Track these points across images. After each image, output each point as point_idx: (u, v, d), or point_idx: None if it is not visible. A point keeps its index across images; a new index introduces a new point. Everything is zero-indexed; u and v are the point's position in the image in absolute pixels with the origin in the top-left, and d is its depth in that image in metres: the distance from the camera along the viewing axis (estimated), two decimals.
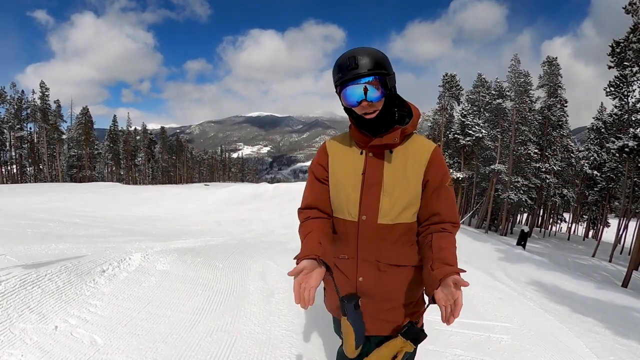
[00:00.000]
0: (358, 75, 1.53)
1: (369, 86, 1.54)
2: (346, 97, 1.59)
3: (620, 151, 18.47)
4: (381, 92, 1.57)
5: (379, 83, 1.56)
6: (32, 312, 3.24)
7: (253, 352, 3.40)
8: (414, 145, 1.73)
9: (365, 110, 1.61)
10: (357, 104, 1.58)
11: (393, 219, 1.69)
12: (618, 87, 25.79)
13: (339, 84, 1.60)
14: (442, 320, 1.47)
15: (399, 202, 1.68)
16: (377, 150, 1.72)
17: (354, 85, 1.55)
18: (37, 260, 4.48)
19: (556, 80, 38.56)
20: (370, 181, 1.71)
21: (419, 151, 1.71)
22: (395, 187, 1.67)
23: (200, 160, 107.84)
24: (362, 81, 1.54)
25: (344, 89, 1.58)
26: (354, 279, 1.76)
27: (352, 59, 1.54)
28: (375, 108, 1.61)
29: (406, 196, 1.68)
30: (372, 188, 1.70)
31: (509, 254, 19.04)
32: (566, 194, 40.54)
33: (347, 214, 1.76)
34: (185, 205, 22.77)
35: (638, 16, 19.56)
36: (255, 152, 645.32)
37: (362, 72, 1.53)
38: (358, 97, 1.56)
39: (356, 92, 1.55)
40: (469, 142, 35.73)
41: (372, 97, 1.56)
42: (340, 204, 1.79)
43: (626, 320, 9.25)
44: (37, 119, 55.80)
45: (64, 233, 9.15)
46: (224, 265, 6.20)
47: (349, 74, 1.54)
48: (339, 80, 1.58)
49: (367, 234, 1.71)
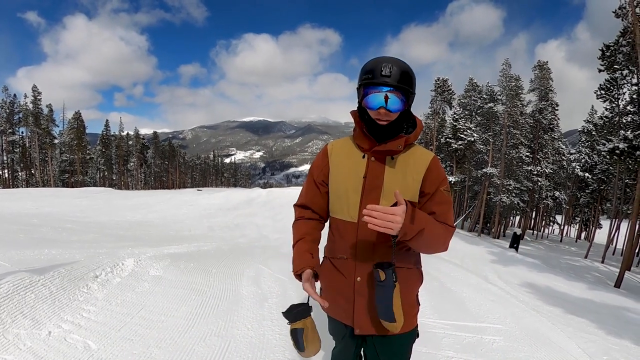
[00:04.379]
0: (387, 84, 1.58)
1: (393, 96, 1.59)
2: (368, 99, 1.63)
3: (611, 153, 18.58)
4: (402, 105, 1.63)
5: (402, 97, 1.61)
6: (26, 318, 3.24)
7: (247, 356, 3.42)
8: (414, 154, 1.78)
9: (380, 117, 1.65)
10: (376, 108, 1.62)
11: None
12: (608, 90, 26.07)
13: (365, 85, 1.63)
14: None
15: None
16: (379, 155, 1.76)
17: (379, 93, 1.59)
18: (30, 266, 4.48)
19: (547, 84, 38.84)
20: (371, 185, 1.75)
21: (418, 159, 1.76)
22: (394, 191, 1.69)
23: (192, 166, 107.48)
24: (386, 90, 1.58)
25: (368, 93, 1.63)
26: (351, 279, 1.79)
27: (387, 67, 1.58)
28: (390, 118, 1.66)
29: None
30: (372, 191, 1.75)
31: (502, 256, 19.10)
32: (558, 196, 40.70)
33: (347, 215, 1.80)
34: (177, 211, 22.72)
35: (628, 20, 19.74)
36: (248, 157, 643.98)
37: (391, 83, 1.57)
38: (379, 103, 1.60)
39: (379, 98, 1.60)
40: (460, 146, 35.87)
41: (392, 108, 1.61)
42: (340, 205, 1.83)
43: (619, 320, 9.31)
44: (29, 124, 55.33)
45: (56, 238, 9.11)
46: (217, 271, 6.21)
47: (380, 79, 1.58)
48: (368, 81, 1.61)
49: (366, 235, 1.74)
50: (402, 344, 1.87)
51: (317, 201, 1.94)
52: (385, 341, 1.83)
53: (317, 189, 1.93)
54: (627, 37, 19.97)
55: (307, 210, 1.98)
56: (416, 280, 1.88)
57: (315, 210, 1.96)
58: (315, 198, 1.94)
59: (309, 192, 1.97)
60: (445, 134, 37.96)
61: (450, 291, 6.88)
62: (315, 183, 1.93)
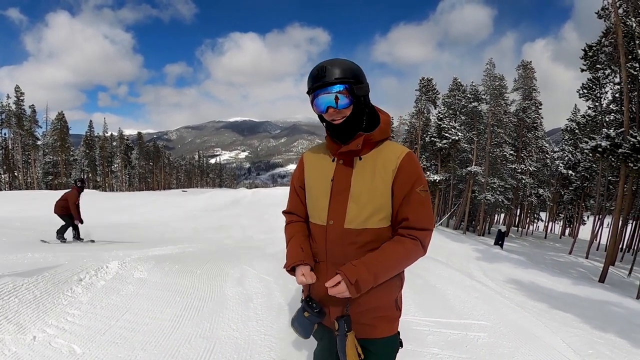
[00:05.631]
0: (326, 84, 1.62)
1: (338, 95, 1.63)
2: (316, 104, 1.69)
3: (594, 151, 18.79)
4: (349, 99, 1.66)
5: (347, 92, 1.64)
6: (10, 323, 3.21)
7: (232, 358, 3.42)
8: (384, 152, 1.78)
9: (332, 117, 1.69)
10: (325, 110, 1.67)
11: (360, 224, 1.73)
12: (591, 90, 26.43)
13: (310, 92, 1.69)
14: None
15: (366, 208, 1.72)
16: (346, 157, 1.79)
17: (324, 94, 1.64)
18: (14, 270, 4.43)
19: (531, 83, 39.30)
20: (339, 187, 1.78)
21: (387, 158, 1.75)
22: (362, 193, 1.73)
23: (177, 166, 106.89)
24: (333, 90, 1.63)
25: (315, 98, 1.68)
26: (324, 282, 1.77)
27: (322, 69, 1.63)
28: (343, 115, 1.69)
29: (373, 203, 1.72)
30: (340, 194, 1.77)
31: (487, 253, 19.28)
32: (542, 193, 41.11)
33: (318, 219, 1.83)
34: (162, 212, 22.60)
35: (610, 21, 20.02)
36: (234, 158, 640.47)
37: (329, 80, 1.62)
38: (326, 103, 1.65)
39: (325, 99, 1.65)
40: (445, 144, 36.04)
41: (339, 105, 1.65)
42: (313, 209, 1.88)
43: (604, 314, 9.45)
44: (11, 125, 54.46)
45: (40, 242, 9.03)
46: (202, 272, 6.19)
47: (318, 82, 1.63)
48: (310, 88, 1.67)
49: (335, 238, 1.77)
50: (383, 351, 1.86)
51: (300, 208, 2.00)
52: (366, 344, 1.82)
53: (298, 196, 2.00)
54: (610, 38, 20.26)
55: (294, 215, 2.03)
56: (393, 285, 1.84)
57: (299, 214, 2.01)
58: (298, 205, 2.01)
59: (292, 199, 2.05)
60: (429, 133, 38.11)
61: (434, 288, 6.92)
62: (295, 190, 2.02)
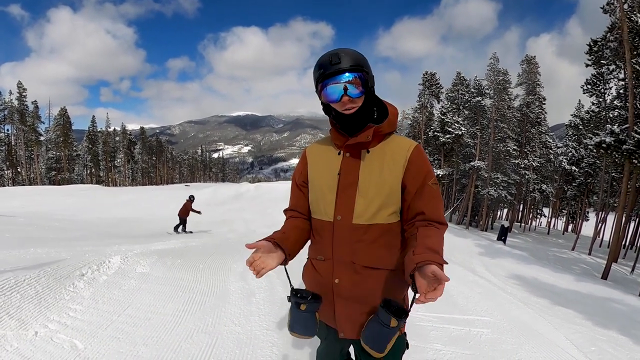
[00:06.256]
0: (340, 70, 1.56)
1: (348, 85, 1.57)
2: (327, 93, 1.61)
3: (598, 147, 18.73)
4: (362, 89, 1.60)
5: (359, 81, 1.58)
6: (12, 318, 3.21)
7: (234, 353, 3.41)
8: (391, 145, 1.73)
9: (345, 107, 1.62)
10: (338, 99, 1.60)
11: (368, 220, 1.68)
12: (595, 85, 26.26)
13: (320, 80, 1.62)
14: (417, 299, 1.39)
15: (374, 202, 1.67)
16: (353, 150, 1.73)
17: (337, 83, 1.57)
18: (16, 265, 4.43)
19: (534, 78, 39.11)
20: (346, 181, 1.72)
21: (396, 151, 1.70)
22: (370, 187, 1.67)
23: (180, 161, 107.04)
24: (344, 79, 1.57)
25: (325, 86, 1.61)
26: (330, 280, 1.75)
27: (335, 56, 1.57)
28: (356, 104, 1.63)
29: (381, 197, 1.67)
30: (347, 188, 1.71)
31: (490, 249, 19.24)
32: (545, 189, 41.04)
33: (324, 215, 1.76)
34: (165, 207, 22.59)
35: (615, 16, 19.90)
36: (237, 152, 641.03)
37: (344, 67, 1.56)
38: (339, 92, 1.58)
39: (338, 88, 1.58)
40: (448, 139, 36.02)
41: (353, 94, 1.58)
42: (317, 204, 1.81)
43: (606, 311, 9.42)
44: (14, 121, 54.63)
45: (43, 237, 9.04)
46: (205, 266, 6.19)
47: (332, 69, 1.56)
48: (321, 76, 1.60)
49: (342, 234, 1.71)
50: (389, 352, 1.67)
51: (302, 204, 1.92)
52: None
53: (300, 191, 1.92)
54: (615, 33, 20.13)
55: (295, 212, 1.95)
56: (399, 282, 1.72)
57: (300, 211, 1.93)
58: (300, 201, 1.93)
59: (293, 195, 1.97)
60: (433, 128, 38.10)
61: None
62: (297, 186, 1.93)
